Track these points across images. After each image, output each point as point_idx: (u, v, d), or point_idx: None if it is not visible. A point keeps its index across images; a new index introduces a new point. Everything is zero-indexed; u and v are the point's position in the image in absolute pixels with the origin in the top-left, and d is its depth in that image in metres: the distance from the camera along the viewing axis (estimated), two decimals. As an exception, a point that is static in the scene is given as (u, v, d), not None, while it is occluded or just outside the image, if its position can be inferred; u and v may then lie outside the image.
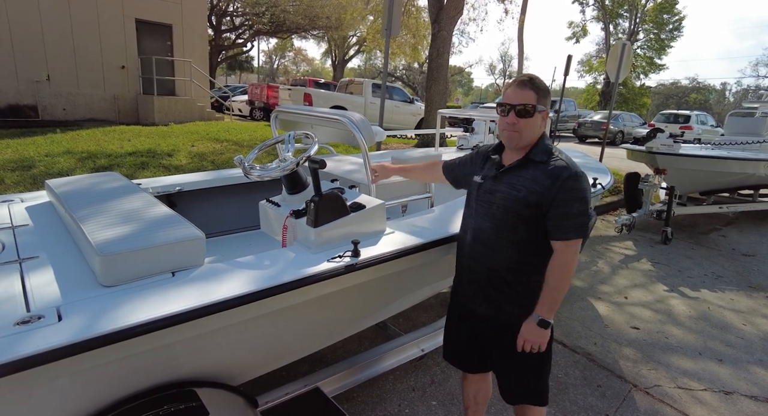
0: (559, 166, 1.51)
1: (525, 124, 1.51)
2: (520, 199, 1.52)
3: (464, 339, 1.82)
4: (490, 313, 1.67)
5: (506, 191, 1.56)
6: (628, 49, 8.05)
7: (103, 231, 1.49)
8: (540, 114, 1.53)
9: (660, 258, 4.95)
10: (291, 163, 1.88)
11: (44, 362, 1.06)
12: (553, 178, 1.48)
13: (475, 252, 1.66)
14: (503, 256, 1.59)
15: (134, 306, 1.27)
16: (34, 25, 9.87)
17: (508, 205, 1.55)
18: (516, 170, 1.57)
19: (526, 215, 1.53)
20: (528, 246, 1.57)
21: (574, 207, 1.48)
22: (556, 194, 1.48)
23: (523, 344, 1.57)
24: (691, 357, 3.04)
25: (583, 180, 1.50)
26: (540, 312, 1.54)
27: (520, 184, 1.53)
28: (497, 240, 1.59)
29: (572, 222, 1.49)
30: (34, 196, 2.31)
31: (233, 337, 1.51)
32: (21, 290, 1.32)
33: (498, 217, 1.58)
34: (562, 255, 1.51)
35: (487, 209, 1.61)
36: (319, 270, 1.56)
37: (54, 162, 5.87)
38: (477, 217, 1.65)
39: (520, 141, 1.55)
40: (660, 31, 32.24)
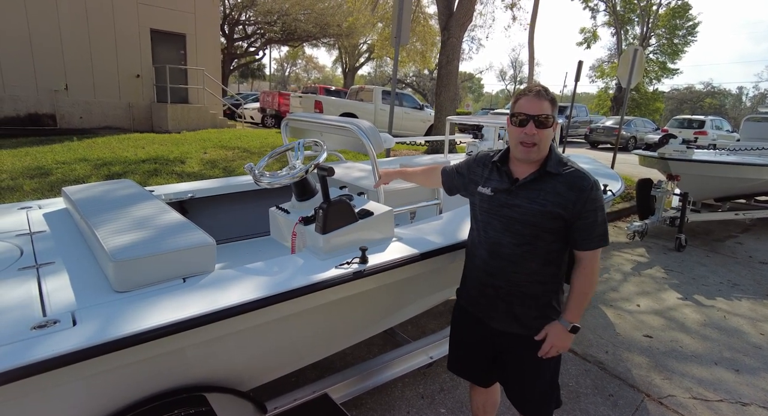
0: (577, 175, 1.51)
1: (544, 135, 1.50)
2: (544, 212, 1.51)
3: (475, 352, 1.80)
4: (509, 327, 1.65)
5: (527, 206, 1.53)
6: (640, 54, 8.00)
7: (116, 237, 1.53)
8: (554, 124, 1.53)
9: (673, 265, 4.88)
10: (300, 171, 1.91)
11: (59, 366, 1.08)
12: (577, 190, 1.49)
13: (493, 267, 1.62)
14: (526, 269, 1.58)
15: (146, 311, 1.29)
16: (53, 37, 10.13)
17: (532, 220, 1.52)
18: (533, 184, 1.54)
19: (549, 227, 1.52)
20: (550, 257, 1.58)
21: (598, 216, 1.51)
22: (583, 206, 1.49)
23: (549, 349, 1.59)
24: (706, 366, 2.98)
25: (599, 188, 1.54)
26: (570, 317, 1.57)
27: (542, 198, 1.51)
28: (520, 254, 1.57)
29: (598, 232, 1.52)
30: (51, 202, 2.37)
31: (243, 343, 1.52)
32: (38, 294, 1.36)
33: (520, 232, 1.55)
34: (589, 263, 1.54)
35: (506, 224, 1.57)
36: (327, 276, 1.58)
37: (71, 169, 6.00)
38: (493, 231, 1.61)
39: (538, 153, 1.52)
40: (673, 36, 31.96)
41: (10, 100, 9.84)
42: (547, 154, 1.56)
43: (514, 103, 1.56)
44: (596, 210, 1.50)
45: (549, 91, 1.54)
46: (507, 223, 1.57)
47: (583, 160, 4.13)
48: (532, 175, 1.55)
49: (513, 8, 14.56)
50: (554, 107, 1.52)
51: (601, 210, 1.52)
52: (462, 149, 9.28)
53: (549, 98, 1.51)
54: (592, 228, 1.51)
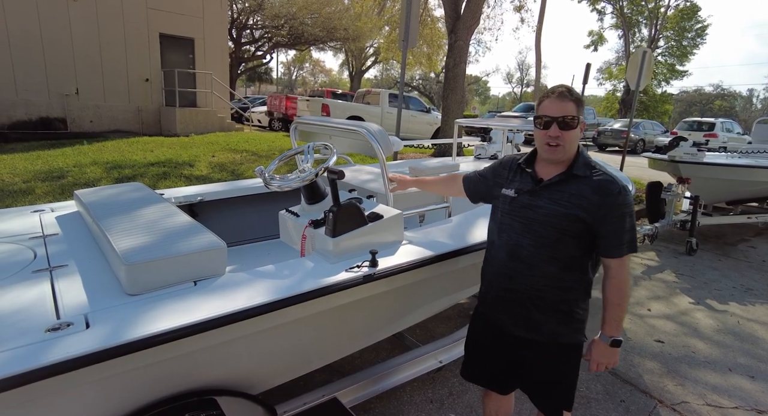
0: (605, 179, 1.47)
1: (568, 137, 1.47)
2: (567, 214, 1.48)
3: (492, 358, 1.76)
4: (529, 334, 1.61)
5: (549, 207, 1.50)
6: (648, 56, 7.94)
7: (128, 240, 1.53)
8: (579, 126, 1.49)
9: (684, 269, 4.82)
10: (310, 174, 1.91)
11: (73, 368, 1.09)
12: (602, 194, 1.45)
13: (512, 270, 1.59)
14: (545, 274, 1.54)
15: (158, 314, 1.29)
16: (65, 42, 10.27)
17: (553, 222, 1.50)
18: (558, 185, 1.51)
19: (571, 231, 1.49)
20: (571, 263, 1.53)
21: (626, 222, 1.46)
22: (608, 211, 1.45)
23: (597, 367, 1.57)
24: (720, 372, 2.93)
25: (629, 193, 1.49)
26: (608, 331, 1.53)
27: (565, 200, 1.48)
28: (539, 258, 1.53)
29: (625, 238, 1.47)
30: (64, 205, 2.39)
31: (253, 346, 1.52)
32: (51, 297, 1.37)
33: (540, 234, 1.52)
34: (619, 272, 1.50)
35: (527, 225, 1.55)
36: (337, 280, 1.57)
37: (82, 172, 6.06)
38: (513, 233, 1.58)
39: (564, 154, 1.50)
40: (681, 38, 31.76)
41: (22, 105, 9.98)
42: (574, 156, 1.52)
43: (538, 104, 1.54)
44: (623, 215, 1.46)
45: (574, 91, 1.51)
46: (527, 225, 1.54)
47: None
48: (557, 176, 1.52)
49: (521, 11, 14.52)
50: (579, 107, 1.49)
51: (629, 215, 1.47)
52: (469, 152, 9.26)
53: (573, 99, 1.48)
54: (619, 234, 1.46)
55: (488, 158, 4.24)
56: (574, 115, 1.46)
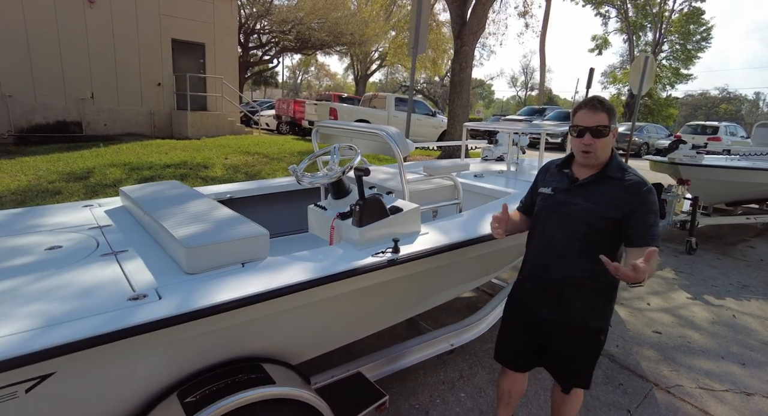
0: (636, 181, 1.64)
1: (600, 144, 1.65)
2: (598, 211, 1.64)
3: (522, 341, 1.96)
4: (558, 318, 1.78)
5: (582, 204, 1.67)
6: (651, 61, 8.14)
7: (182, 228, 1.76)
8: (611, 133, 1.66)
9: (684, 267, 5.00)
10: (337, 172, 2.13)
11: (156, 328, 1.31)
12: (633, 193, 1.61)
13: (546, 260, 1.77)
14: (576, 264, 1.70)
15: (215, 289, 1.51)
16: (81, 48, 10.60)
17: (585, 217, 1.66)
18: (592, 185, 1.69)
19: (601, 227, 1.65)
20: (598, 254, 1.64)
21: (650, 218, 1.61)
22: (636, 207, 1.60)
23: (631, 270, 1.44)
24: (713, 360, 3.12)
25: (655, 193, 1.65)
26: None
27: (598, 199, 1.65)
28: (570, 250, 1.70)
29: (649, 232, 1.59)
30: (107, 201, 2.63)
31: (293, 320, 1.74)
32: (123, 275, 1.59)
33: (572, 228, 1.69)
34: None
35: (561, 220, 1.72)
36: (365, 263, 1.79)
37: (103, 173, 6.33)
38: (549, 227, 1.76)
39: (596, 159, 1.68)
40: (686, 41, 31.86)
41: (40, 109, 10.30)
42: (608, 160, 1.70)
43: (573, 114, 1.73)
44: (648, 211, 1.60)
45: (605, 102, 1.67)
46: (561, 219, 1.73)
47: None
48: (591, 176, 1.70)
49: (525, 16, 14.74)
50: (611, 116, 1.64)
51: (654, 213, 1.61)
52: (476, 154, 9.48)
53: (605, 109, 1.64)
54: (643, 227, 1.59)
55: (494, 160, 4.45)
56: (606, 124, 1.64)
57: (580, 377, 1.88)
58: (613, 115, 1.65)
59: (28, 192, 5.32)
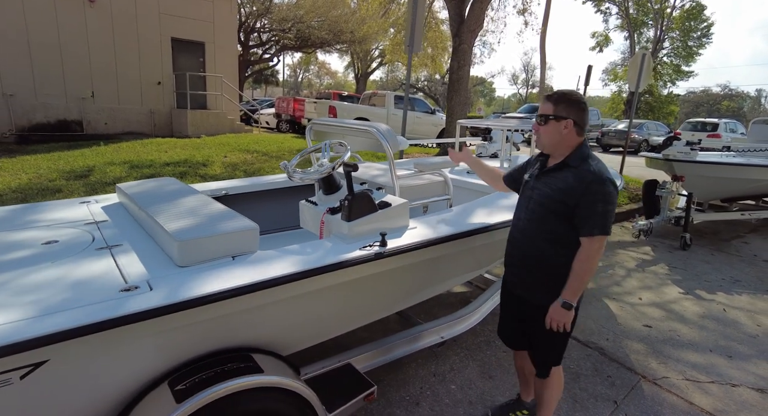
0: (587, 169, 1.75)
1: (543, 131, 1.83)
2: (550, 195, 1.80)
3: (509, 318, 2.15)
4: (523, 294, 1.97)
5: (542, 189, 1.85)
6: (648, 58, 8.16)
7: (174, 222, 1.81)
8: (559, 122, 1.78)
9: (677, 263, 5.05)
10: (328, 168, 2.18)
11: (146, 318, 1.36)
12: (579, 180, 1.74)
13: (514, 239, 1.99)
14: (536, 244, 1.87)
15: (206, 281, 1.57)
16: (81, 47, 10.66)
17: (542, 201, 1.84)
18: (554, 172, 1.84)
19: (555, 210, 1.79)
20: (555, 238, 1.83)
21: (598, 207, 1.70)
22: (582, 195, 1.72)
23: (551, 323, 1.84)
24: (701, 353, 3.17)
25: (608, 184, 1.71)
26: (565, 296, 1.79)
27: (553, 184, 1.81)
28: (531, 229, 1.88)
29: (596, 221, 1.71)
30: (104, 198, 2.68)
31: (282, 312, 1.79)
32: (116, 268, 1.65)
33: (533, 211, 1.87)
34: (586, 248, 1.75)
35: (526, 203, 1.92)
36: (353, 256, 1.84)
37: (103, 172, 6.39)
38: (519, 210, 1.98)
39: (541, 145, 1.87)
40: (687, 38, 31.78)
41: (41, 108, 10.37)
42: (573, 150, 1.82)
43: None
44: (596, 201, 1.70)
45: (557, 93, 1.82)
46: (526, 203, 1.92)
47: None
48: (555, 165, 1.86)
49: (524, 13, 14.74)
50: (561, 108, 1.78)
51: (602, 202, 1.70)
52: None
53: (553, 101, 1.81)
54: (591, 216, 1.71)
55: (488, 156, 4.50)
56: (549, 113, 1.81)
57: (548, 353, 2.00)
58: (563, 107, 1.78)
59: (28, 190, 5.38)
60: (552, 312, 1.83)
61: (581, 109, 1.78)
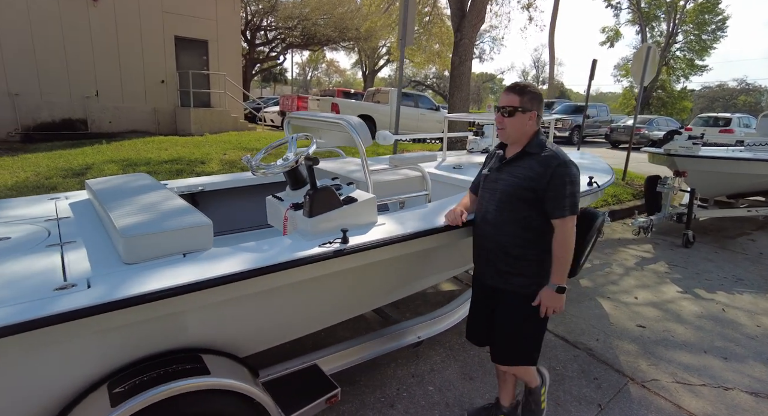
0: (550, 155, 1.80)
1: (509, 123, 1.85)
2: (519, 184, 1.83)
3: (480, 317, 2.11)
4: (498, 283, 1.96)
5: (507, 179, 1.88)
6: (653, 51, 7.95)
7: (126, 218, 1.76)
8: (525, 114, 1.82)
9: (678, 261, 4.89)
10: (291, 161, 2.11)
11: (74, 318, 1.30)
12: (545, 166, 1.78)
13: (483, 231, 1.99)
14: (507, 233, 1.89)
15: (149, 279, 1.50)
16: (85, 46, 10.73)
17: (509, 190, 1.86)
18: (515, 161, 1.88)
19: (523, 197, 1.83)
20: (527, 224, 1.86)
21: (566, 189, 1.77)
22: (549, 180, 1.76)
23: (546, 310, 1.86)
24: (695, 354, 3.04)
25: (570, 166, 1.79)
26: (555, 280, 1.84)
27: (518, 172, 1.85)
28: (501, 219, 1.90)
29: (566, 202, 1.77)
30: (76, 194, 2.65)
31: (235, 311, 1.73)
32: (60, 266, 1.59)
33: (501, 200, 1.89)
34: (561, 230, 1.81)
35: (493, 195, 1.94)
36: (310, 253, 1.77)
37: (100, 170, 6.41)
38: (485, 202, 1.98)
39: (507, 136, 1.89)
40: (701, 31, 31.05)
41: (46, 107, 10.47)
42: (529, 139, 1.87)
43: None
44: (564, 183, 1.76)
45: (520, 85, 1.85)
46: (493, 194, 1.94)
47: (575, 154, 4.22)
48: (515, 155, 1.89)
49: (529, 8, 14.51)
50: (525, 99, 1.81)
51: (570, 184, 1.77)
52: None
53: (517, 92, 1.83)
54: (560, 198, 1.77)
55: (479, 152, 4.39)
56: (515, 105, 1.82)
57: (517, 349, 1.96)
58: (528, 99, 1.81)
59: (24, 188, 5.41)
60: (545, 298, 1.86)
61: (542, 101, 1.87)
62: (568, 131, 16.51)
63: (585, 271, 4.44)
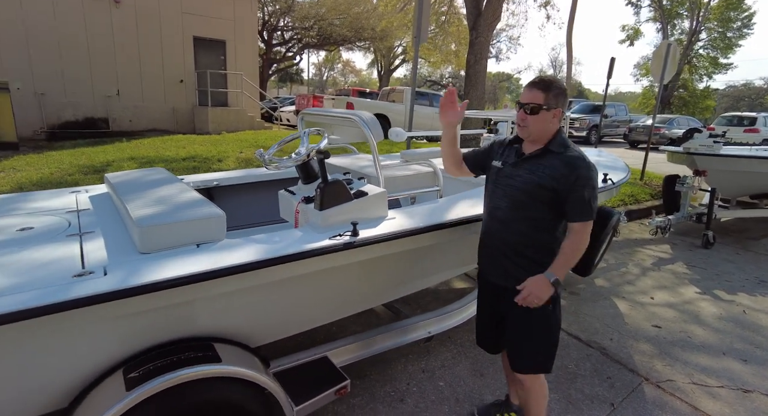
0: (575, 156, 1.72)
1: (533, 121, 1.73)
2: (538, 183, 1.74)
3: (488, 320, 2.03)
4: (504, 282, 1.88)
5: (526, 176, 1.78)
6: (673, 49, 7.78)
7: (143, 209, 1.80)
8: (549, 112, 1.72)
9: (697, 261, 4.78)
10: (303, 155, 2.13)
11: (91, 303, 1.35)
12: (570, 168, 1.70)
13: (491, 228, 1.90)
14: (516, 231, 1.82)
15: (163, 267, 1.54)
16: (108, 48, 11.00)
17: (527, 188, 1.76)
18: (535, 159, 1.78)
19: (541, 197, 1.74)
20: (540, 224, 1.79)
21: (586, 193, 1.70)
22: (574, 182, 1.69)
23: (527, 296, 1.73)
24: (713, 356, 2.97)
25: (593, 170, 1.73)
26: (554, 271, 1.73)
27: (540, 171, 1.75)
28: (512, 218, 1.82)
29: (586, 207, 1.71)
30: (96, 188, 2.72)
31: (246, 301, 1.76)
32: (80, 254, 1.64)
33: (516, 197, 1.80)
34: (578, 233, 1.73)
35: (506, 191, 1.83)
36: (319, 245, 1.79)
37: (119, 167, 6.55)
38: (495, 198, 1.88)
39: (529, 134, 1.77)
40: (726, 29, 30.21)
41: (70, 106, 10.75)
42: (552, 136, 1.77)
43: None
44: (585, 187, 1.69)
45: (546, 82, 1.73)
46: (507, 191, 1.83)
47: (593, 152, 4.16)
48: (536, 151, 1.79)
49: (546, 6, 14.34)
50: (549, 96, 1.70)
51: (590, 188, 1.70)
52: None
53: (541, 88, 1.71)
54: (583, 202, 1.70)
55: (494, 149, 4.36)
56: (539, 102, 1.71)
57: (532, 356, 1.86)
58: (554, 96, 1.70)
59: (47, 183, 5.57)
60: (533, 284, 1.73)
61: (567, 97, 1.77)
62: (585, 131, 16.26)
63: (600, 271, 4.38)
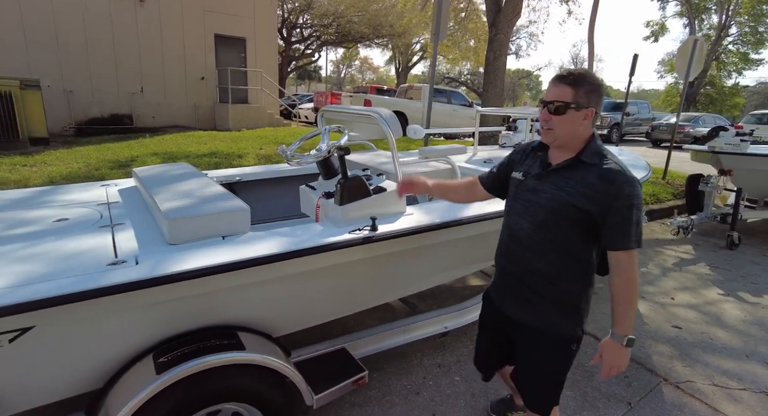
0: (613, 169, 1.40)
1: (558, 122, 1.43)
2: (568, 201, 1.43)
3: (490, 342, 1.82)
4: (520, 317, 1.61)
5: (552, 192, 1.47)
6: (700, 44, 7.59)
7: (170, 202, 1.87)
8: (579, 112, 1.41)
9: (721, 262, 4.68)
10: (323, 151, 2.18)
11: (126, 290, 1.42)
12: (608, 183, 1.38)
13: (510, 251, 1.61)
14: (541, 258, 1.52)
15: (191, 258, 1.61)
16: (132, 46, 11.27)
17: (554, 207, 1.46)
18: (564, 171, 1.47)
19: (571, 218, 1.44)
20: (570, 250, 1.49)
21: (633, 215, 1.39)
22: (613, 201, 1.38)
23: (609, 371, 1.47)
24: (735, 358, 2.92)
25: (637, 185, 1.41)
26: (620, 330, 1.43)
27: (569, 187, 1.44)
28: (536, 241, 1.51)
29: (633, 230, 1.39)
30: (125, 181, 2.82)
31: (268, 292, 1.81)
32: (112, 245, 1.72)
33: (540, 218, 1.50)
34: (627, 264, 1.41)
35: (528, 208, 1.53)
36: (339, 239, 1.83)
37: (143, 162, 6.73)
38: (515, 215, 1.58)
39: (554, 139, 1.47)
40: (757, 23, 29.15)
41: (97, 104, 11.06)
42: (585, 144, 1.47)
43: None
44: (631, 206, 1.38)
45: (576, 75, 1.42)
46: (528, 208, 1.53)
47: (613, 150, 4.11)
48: (565, 161, 1.48)
49: (568, 2, 14.11)
50: (581, 93, 1.40)
51: (636, 208, 1.39)
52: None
53: (570, 83, 1.40)
54: (627, 225, 1.38)
55: (512, 146, 4.35)
56: (566, 100, 1.40)
57: (547, 393, 1.64)
58: (585, 93, 1.40)
59: (76, 177, 5.76)
60: (611, 356, 1.45)
61: (601, 95, 1.43)
62: (606, 129, 15.98)
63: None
